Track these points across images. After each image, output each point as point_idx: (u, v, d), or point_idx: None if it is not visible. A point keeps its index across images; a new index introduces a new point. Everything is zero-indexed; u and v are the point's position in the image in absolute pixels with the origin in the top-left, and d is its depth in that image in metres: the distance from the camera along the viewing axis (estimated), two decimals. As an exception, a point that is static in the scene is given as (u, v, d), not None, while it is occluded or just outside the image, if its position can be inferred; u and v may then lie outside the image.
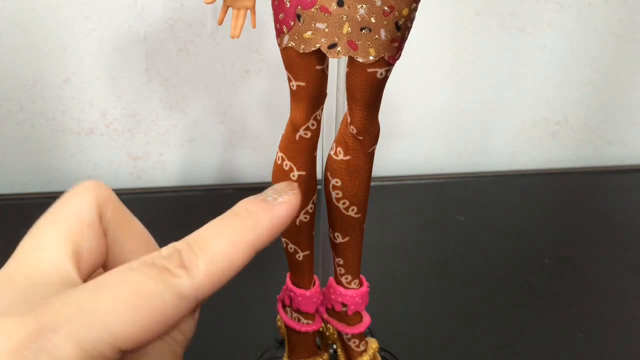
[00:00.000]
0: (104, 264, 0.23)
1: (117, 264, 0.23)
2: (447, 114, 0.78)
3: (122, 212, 0.23)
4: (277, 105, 0.73)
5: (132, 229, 0.24)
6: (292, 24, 0.29)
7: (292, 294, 0.38)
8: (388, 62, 0.30)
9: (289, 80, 0.32)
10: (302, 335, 0.40)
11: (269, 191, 0.23)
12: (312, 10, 0.29)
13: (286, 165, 0.34)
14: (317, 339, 0.42)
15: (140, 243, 0.24)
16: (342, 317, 0.39)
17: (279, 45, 0.31)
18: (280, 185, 0.23)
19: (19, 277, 0.20)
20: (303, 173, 0.34)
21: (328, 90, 0.33)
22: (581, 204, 0.73)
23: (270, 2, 0.31)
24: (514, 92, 0.78)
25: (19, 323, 0.17)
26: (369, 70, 0.30)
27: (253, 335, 0.49)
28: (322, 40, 0.29)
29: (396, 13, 0.28)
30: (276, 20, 0.31)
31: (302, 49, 0.30)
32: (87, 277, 0.21)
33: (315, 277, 0.39)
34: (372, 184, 0.35)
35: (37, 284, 0.20)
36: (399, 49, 0.30)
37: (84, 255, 0.21)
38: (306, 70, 0.31)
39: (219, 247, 0.20)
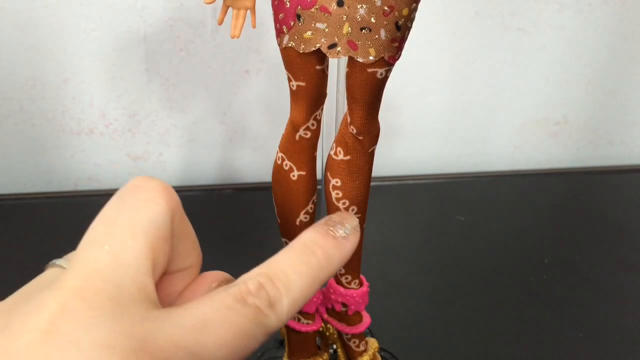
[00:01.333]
0: None
1: (171, 269, 0.23)
2: (447, 114, 0.78)
3: (184, 220, 0.23)
4: (277, 105, 0.73)
5: (189, 237, 0.23)
6: (292, 24, 0.29)
7: (292, 294, 0.38)
8: (388, 62, 0.30)
9: (289, 80, 0.32)
10: (302, 335, 0.40)
11: (334, 224, 0.24)
12: (312, 10, 0.29)
13: (286, 165, 0.34)
14: (317, 339, 0.42)
15: (191, 248, 0.24)
16: (342, 317, 0.39)
17: (279, 45, 0.31)
18: (342, 216, 0.25)
19: (103, 297, 0.18)
20: (303, 173, 0.34)
21: (328, 90, 0.33)
22: (581, 204, 0.73)
23: (270, 2, 0.31)
24: (514, 92, 0.78)
25: None
26: (369, 70, 0.30)
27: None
28: (322, 40, 0.29)
29: (396, 13, 0.28)
30: (276, 20, 0.31)
31: (302, 49, 0.30)
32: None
33: (315, 277, 0.39)
34: (372, 184, 0.35)
35: (125, 307, 0.19)
36: (399, 49, 0.30)
37: (159, 267, 0.21)
38: (306, 70, 0.31)
39: (300, 287, 0.21)
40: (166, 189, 0.22)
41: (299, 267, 0.22)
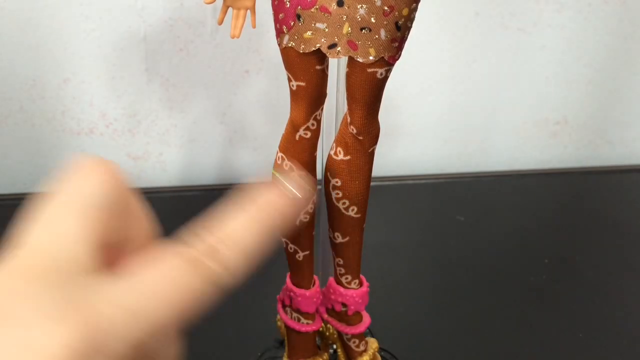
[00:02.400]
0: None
1: (123, 243, 0.23)
2: (447, 114, 0.78)
3: (126, 193, 0.23)
4: (277, 105, 0.73)
5: (135, 212, 0.24)
6: (292, 24, 0.29)
7: (292, 294, 0.38)
8: (388, 62, 0.30)
9: (289, 80, 0.32)
10: (302, 335, 0.40)
11: (285, 180, 0.24)
12: (312, 10, 0.29)
13: (286, 165, 0.34)
14: (317, 339, 0.42)
15: (139, 222, 0.24)
16: (342, 317, 0.39)
17: (279, 45, 0.31)
18: (296, 175, 0.25)
19: (39, 269, 0.19)
20: (303, 173, 0.34)
21: (328, 90, 0.33)
22: (581, 204, 0.73)
23: (270, 2, 0.31)
24: (514, 92, 0.78)
25: (69, 327, 0.17)
26: (369, 70, 0.30)
27: (253, 335, 0.49)
28: (322, 40, 0.29)
29: (396, 13, 0.28)
30: (276, 20, 0.30)
31: (302, 49, 0.30)
32: (100, 259, 0.21)
33: (315, 277, 0.39)
34: (372, 184, 0.35)
35: (63, 277, 0.19)
36: (399, 49, 0.30)
37: (99, 239, 0.21)
38: (306, 70, 0.31)
39: (248, 240, 0.22)
40: (102, 165, 0.22)
41: (249, 224, 0.22)
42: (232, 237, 0.22)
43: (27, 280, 0.19)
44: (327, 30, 0.29)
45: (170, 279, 0.20)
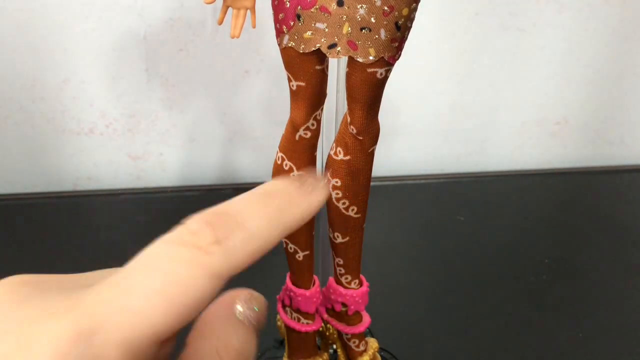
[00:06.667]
0: None
1: None
2: (447, 114, 0.78)
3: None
4: (277, 105, 0.73)
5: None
6: (292, 24, 0.29)
7: (292, 293, 0.38)
8: (388, 62, 0.30)
9: (289, 80, 0.32)
10: (302, 335, 0.40)
11: (302, 178, 0.21)
12: (312, 10, 0.29)
13: (286, 165, 0.34)
14: (317, 339, 0.42)
15: None
16: (342, 317, 0.39)
17: (279, 45, 0.31)
18: (309, 175, 0.21)
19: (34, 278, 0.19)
20: (303, 173, 0.34)
21: (328, 90, 0.33)
22: (581, 204, 0.73)
23: (270, 2, 0.31)
24: (514, 92, 0.78)
25: (59, 328, 0.17)
26: (369, 70, 0.30)
27: (253, 335, 0.49)
28: (322, 40, 0.29)
29: (396, 13, 0.28)
30: (276, 20, 0.30)
31: (302, 49, 0.30)
32: None
33: (315, 277, 0.39)
34: (372, 184, 0.35)
35: (55, 278, 0.19)
36: (399, 49, 0.30)
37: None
38: (306, 70, 0.31)
39: (257, 225, 0.18)
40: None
41: (257, 205, 0.19)
42: (236, 217, 0.19)
43: (20, 283, 0.18)
44: (327, 30, 0.29)
45: (161, 271, 0.17)
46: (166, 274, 0.17)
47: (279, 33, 0.30)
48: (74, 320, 0.17)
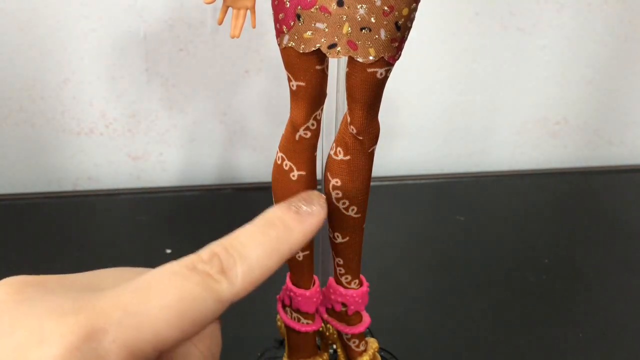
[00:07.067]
0: None
1: None
2: (447, 114, 0.78)
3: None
4: (277, 105, 0.73)
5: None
6: (292, 24, 0.29)
7: (292, 294, 0.38)
8: (388, 62, 0.30)
9: (289, 80, 0.32)
10: (302, 335, 0.40)
11: (299, 201, 0.24)
12: (312, 10, 0.29)
13: (286, 165, 0.34)
14: (317, 339, 0.42)
15: None
16: (342, 317, 0.39)
17: (279, 45, 0.31)
18: (308, 195, 0.24)
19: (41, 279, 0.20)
20: (303, 173, 0.34)
21: (328, 90, 0.33)
22: (581, 204, 0.73)
23: (270, 2, 0.31)
24: (514, 92, 0.78)
25: (71, 323, 0.18)
26: (369, 70, 0.30)
27: (253, 335, 0.49)
28: (322, 40, 0.29)
29: (396, 13, 0.28)
30: (276, 20, 0.30)
31: (302, 49, 0.30)
32: None
33: (315, 277, 0.39)
34: (372, 184, 0.35)
35: (61, 280, 0.20)
36: (399, 49, 0.30)
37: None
38: (306, 70, 0.31)
39: (256, 256, 0.21)
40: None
41: (257, 237, 0.22)
42: (239, 250, 0.21)
43: (23, 283, 0.19)
44: (327, 30, 0.29)
45: (175, 287, 0.20)
46: (181, 291, 0.19)
47: (279, 33, 0.30)
48: (87, 319, 0.18)
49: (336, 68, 0.34)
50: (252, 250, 0.21)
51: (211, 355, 0.22)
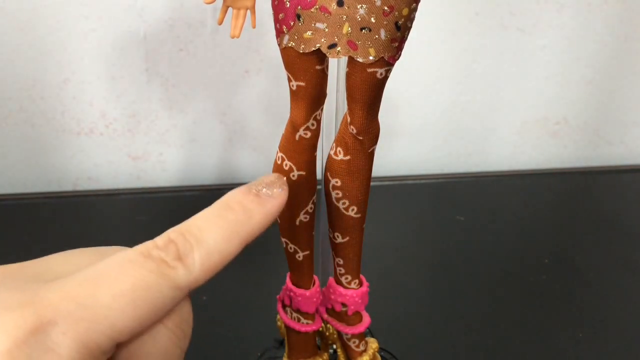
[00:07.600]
0: None
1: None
2: (447, 114, 0.78)
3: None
4: (277, 105, 0.73)
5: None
6: (292, 24, 0.29)
7: (292, 294, 0.38)
8: (388, 62, 0.30)
9: (289, 80, 0.32)
10: (302, 335, 0.40)
11: (260, 184, 0.23)
12: (312, 10, 0.29)
13: (286, 165, 0.34)
14: (317, 339, 0.42)
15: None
16: (342, 317, 0.39)
17: (279, 45, 0.31)
18: (269, 178, 0.23)
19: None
20: (303, 173, 0.34)
21: (328, 90, 0.33)
22: (581, 204, 0.73)
23: (270, 2, 0.31)
24: (514, 92, 0.78)
25: (17, 317, 0.17)
26: (369, 70, 0.30)
27: (253, 335, 0.49)
28: (322, 40, 0.29)
29: (396, 13, 0.28)
30: (276, 20, 0.30)
31: (302, 49, 0.30)
32: None
33: (315, 277, 0.39)
34: (372, 184, 0.35)
35: (10, 269, 0.20)
36: (399, 49, 0.30)
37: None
38: (306, 70, 0.31)
39: (214, 240, 0.21)
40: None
41: (215, 221, 0.21)
42: (196, 235, 0.20)
43: None
44: (327, 30, 0.29)
45: (128, 275, 0.19)
46: (135, 279, 0.19)
47: (279, 33, 0.30)
48: (34, 312, 0.17)
49: (336, 68, 0.34)
50: (209, 235, 0.21)
51: (182, 333, 0.21)
